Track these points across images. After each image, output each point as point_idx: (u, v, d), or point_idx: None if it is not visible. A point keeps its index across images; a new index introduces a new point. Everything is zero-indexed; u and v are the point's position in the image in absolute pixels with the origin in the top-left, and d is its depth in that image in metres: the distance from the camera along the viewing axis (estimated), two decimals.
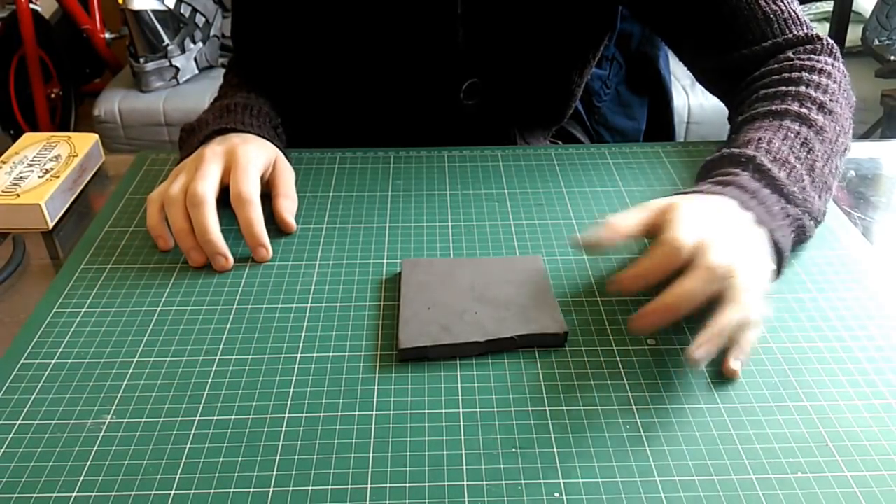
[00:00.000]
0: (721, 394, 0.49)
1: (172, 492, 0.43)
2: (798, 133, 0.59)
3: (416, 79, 0.80)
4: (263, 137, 0.69)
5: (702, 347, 0.46)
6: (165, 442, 0.46)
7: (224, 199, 0.63)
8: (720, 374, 0.50)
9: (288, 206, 0.66)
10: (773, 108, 0.61)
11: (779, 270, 0.54)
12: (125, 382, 0.51)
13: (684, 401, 0.49)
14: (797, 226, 0.56)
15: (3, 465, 0.45)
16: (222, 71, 0.89)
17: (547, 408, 0.48)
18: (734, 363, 0.50)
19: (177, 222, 0.61)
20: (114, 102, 2.14)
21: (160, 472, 0.44)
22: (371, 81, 0.81)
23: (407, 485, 0.43)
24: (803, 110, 0.60)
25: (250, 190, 0.62)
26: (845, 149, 0.63)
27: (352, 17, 0.77)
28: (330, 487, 0.43)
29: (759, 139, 0.59)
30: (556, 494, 0.43)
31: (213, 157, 0.64)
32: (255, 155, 0.65)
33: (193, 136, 0.70)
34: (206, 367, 0.52)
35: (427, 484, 0.43)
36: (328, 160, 0.76)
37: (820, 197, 0.59)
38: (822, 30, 2.18)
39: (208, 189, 0.61)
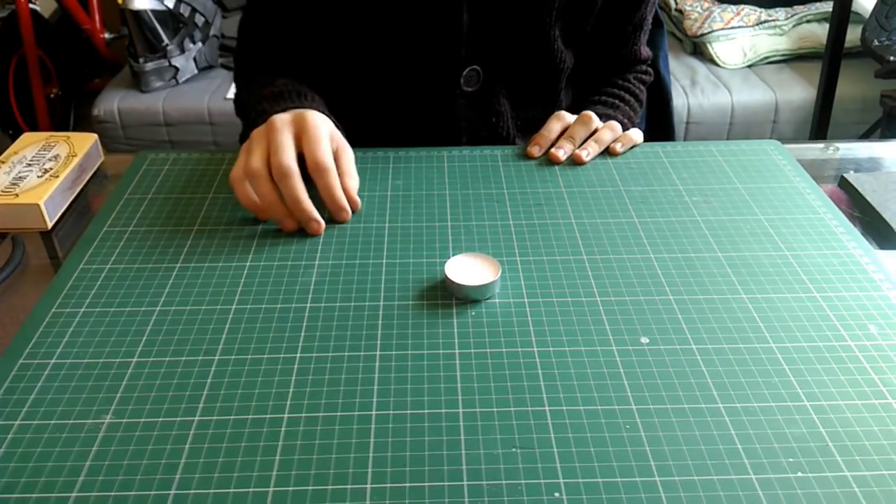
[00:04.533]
0: (721, 394, 0.49)
1: (172, 492, 0.43)
2: (622, 110, 0.92)
3: (418, 65, 0.81)
4: (323, 113, 0.71)
5: (561, 149, 0.77)
6: (165, 442, 0.46)
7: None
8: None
9: (353, 185, 0.68)
10: (610, 100, 0.92)
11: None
12: (124, 382, 0.51)
13: (684, 401, 0.49)
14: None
15: (2, 465, 0.45)
16: (221, 71, 0.90)
17: (547, 408, 0.48)
18: (585, 154, 0.77)
19: (267, 195, 0.64)
20: (113, 102, 2.14)
21: (160, 472, 0.44)
22: (374, 66, 0.82)
23: (407, 485, 0.43)
24: (626, 107, 0.93)
25: (326, 158, 0.64)
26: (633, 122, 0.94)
27: (358, 4, 0.78)
28: (330, 487, 0.43)
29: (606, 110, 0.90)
30: (556, 494, 0.43)
31: (283, 127, 0.65)
32: (323, 123, 0.67)
33: (256, 122, 0.71)
34: (206, 367, 0.52)
35: (427, 484, 0.43)
36: None
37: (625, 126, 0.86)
38: (822, 30, 2.18)
39: (291, 159, 0.63)
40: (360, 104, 0.84)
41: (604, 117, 0.84)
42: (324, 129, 0.66)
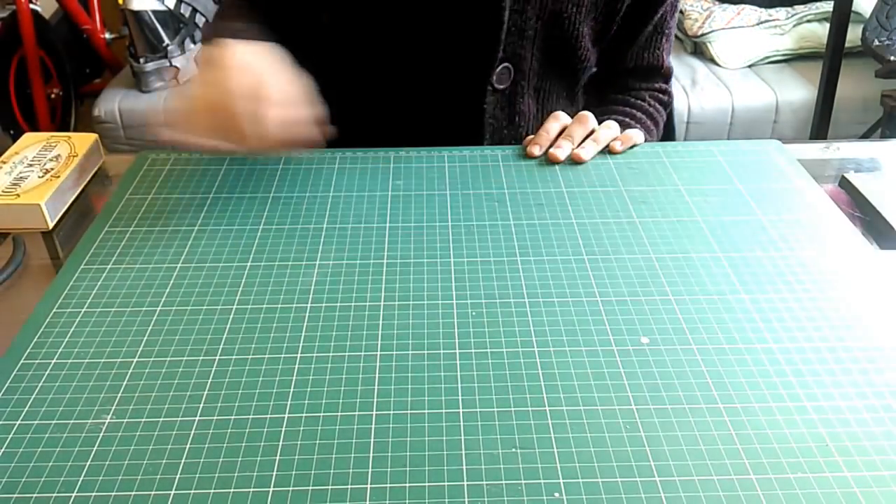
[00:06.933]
0: (721, 394, 0.49)
1: (172, 492, 0.43)
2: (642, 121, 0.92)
3: (453, 60, 0.80)
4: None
5: (560, 148, 0.77)
6: (165, 442, 0.46)
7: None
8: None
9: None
10: (631, 111, 0.91)
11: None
12: (125, 382, 0.51)
13: (684, 401, 0.49)
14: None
15: (3, 465, 0.45)
16: None
17: (547, 408, 0.48)
18: (584, 152, 0.76)
19: None
20: (114, 102, 2.14)
21: (160, 472, 0.44)
22: (409, 60, 0.81)
23: (407, 485, 0.43)
24: (647, 121, 0.92)
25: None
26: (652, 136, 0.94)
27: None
28: (330, 487, 0.43)
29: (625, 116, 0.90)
30: (556, 494, 0.43)
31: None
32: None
33: None
34: (206, 367, 0.52)
35: (427, 484, 0.43)
36: (328, 160, 0.76)
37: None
38: (823, 30, 2.18)
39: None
40: (390, 99, 0.84)
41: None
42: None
